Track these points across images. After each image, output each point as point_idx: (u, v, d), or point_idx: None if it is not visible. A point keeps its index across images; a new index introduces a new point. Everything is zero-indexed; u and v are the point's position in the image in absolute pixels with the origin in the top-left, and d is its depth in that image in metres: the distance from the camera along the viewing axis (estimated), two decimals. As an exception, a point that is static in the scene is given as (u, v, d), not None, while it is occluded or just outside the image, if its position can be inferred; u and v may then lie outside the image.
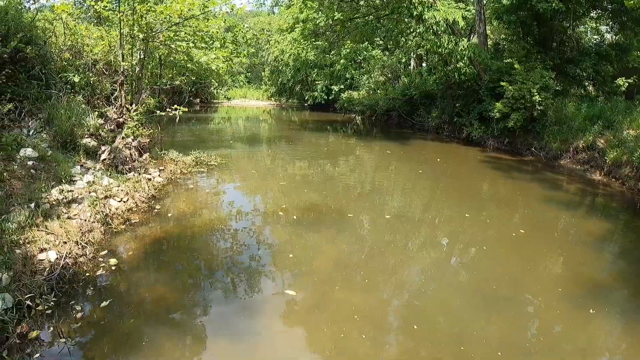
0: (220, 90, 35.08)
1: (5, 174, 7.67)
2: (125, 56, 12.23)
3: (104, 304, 5.67)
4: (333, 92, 33.15)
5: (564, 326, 5.75)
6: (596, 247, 8.15)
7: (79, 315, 5.38)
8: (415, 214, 10.18)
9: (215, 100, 34.87)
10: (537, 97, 15.11)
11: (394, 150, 17.92)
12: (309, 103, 36.02)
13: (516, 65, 16.06)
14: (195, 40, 14.10)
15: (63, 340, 4.95)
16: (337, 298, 6.29)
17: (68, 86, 11.66)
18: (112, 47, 12.92)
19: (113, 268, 6.53)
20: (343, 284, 6.68)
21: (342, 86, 32.76)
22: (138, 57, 13.17)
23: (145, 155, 11.89)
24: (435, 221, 9.77)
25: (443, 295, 6.51)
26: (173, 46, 13.48)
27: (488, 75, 18.09)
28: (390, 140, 20.70)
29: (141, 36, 12.01)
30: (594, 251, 7.96)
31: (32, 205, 7.13)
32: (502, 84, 16.03)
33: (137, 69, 13.11)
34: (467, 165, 15.61)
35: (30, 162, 8.39)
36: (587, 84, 19.57)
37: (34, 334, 4.96)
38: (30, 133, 9.43)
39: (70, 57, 12.90)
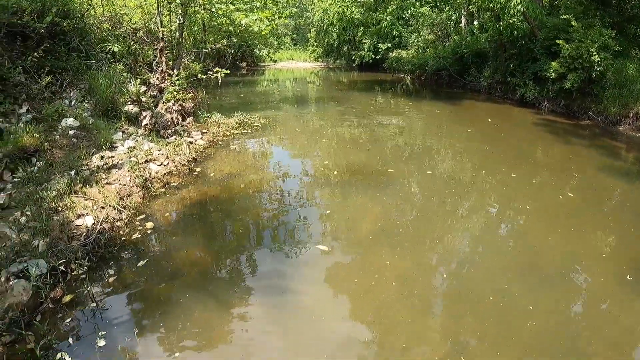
0: (266, 52, 34.59)
1: (46, 144, 7.64)
2: (163, 22, 12.01)
3: (138, 267, 5.55)
4: (381, 52, 31.80)
5: (614, 307, 5.13)
6: None
7: (111, 279, 5.26)
8: (464, 177, 9.47)
9: (261, 63, 34.44)
10: (595, 56, 13.68)
11: (443, 110, 16.97)
12: (356, 63, 34.83)
13: (573, 22, 14.52)
14: (235, 2, 13.74)
15: (94, 304, 4.82)
16: (380, 261, 5.92)
17: (108, 56, 11.56)
18: (152, 15, 12.73)
19: (149, 231, 6.39)
20: (387, 246, 6.29)
21: (389, 45, 31.31)
22: (177, 22, 12.95)
23: (189, 119, 11.73)
24: (485, 185, 9.04)
25: (490, 264, 5.95)
26: (213, 9, 13.13)
27: (543, 32, 16.64)
28: (440, 100, 19.64)
29: (178, 0, 11.74)
30: None
31: (72, 172, 7.07)
32: (558, 42, 14.62)
33: (177, 34, 12.89)
34: (520, 127, 14.52)
35: (71, 132, 8.34)
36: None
37: (67, 298, 4.88)
38: (72, 103, 9.37)
39: (110, 28, 12.79)
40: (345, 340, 4.51)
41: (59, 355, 4.11)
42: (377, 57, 32.31)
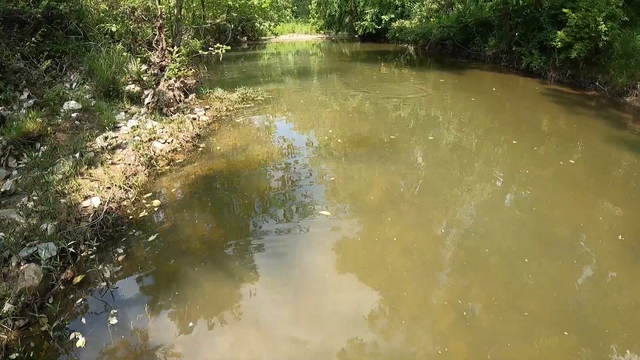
0: (267, 26, 34.01)
1: (49, 128, 7.56)
2: (161, 0, 11.79)
3: (146, 245, 5.53)
4: (383, 22, 31.03)
5: (620, 276, 5.04)
6: None
7: (120, 258, 5.23)
8: (469, 146, 9.29)
9: (263, 37, 33.91)
10: (602, 26, 13.23)
11: (448, 80, 16.60)
12: (359, 34, 33.98)
13: (580, -9, 14.17)
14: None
15: (105, 284, 4.80)
16: (386, 231, 5.88)
17: (107, 36, 11.37)
18: (149, -8, 12.48)
19: (156, 209, 6.34)
20: (393, 216, 6.24)
21: (392, 15, 30.40)
22: (175, -2, 12.71)
23: (191, 96, 11.60)
24: (490, 154, 8.85)
25: (496, 233, 5.85)
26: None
27: (549, 1, 16.10)
28: (444, 69, 19.16)
29: (175, -24, 11.50)
30: None
31: (77, 155, 7.00)
32: (565, 10, 14.11)
33: (176, 11, 12.65)
34: (525, 97, 14.18)
35: (74, 114, 8.25)
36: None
37: (77, 279, 4.87)
38: (73, 86, 9.27)
39: (107, 8, 12.56)
40: (354, 310, 4.48)
41: (72, 336, 4.11)
42: (380, 28, 31.60)
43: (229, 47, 12.27)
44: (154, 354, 3.94)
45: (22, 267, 4.68)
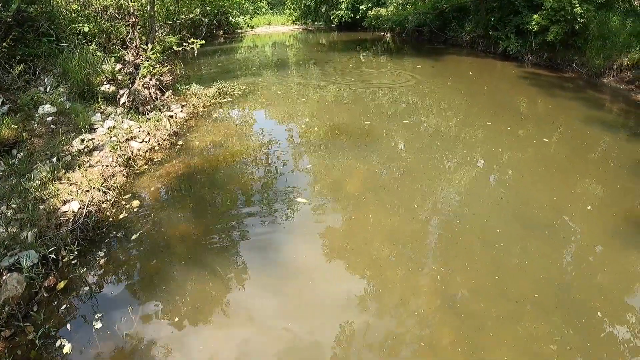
0: (243, 19, 33.64)
1: (25, 134, 7.46)
2: (133, -4, 11.62)
3: (127, 246, 5.51)
4: (360, 10, 31.00)
5: (602, 255, 5.14)
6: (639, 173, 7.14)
7: (102, 261, 5.21)
8: (448, 131, 9.35)
9: (239, 31, 33.49)
10: (578, 8, 13.39)
11: (425, 66, 16.61)
12: (335, 23, 33.78)
13: (554, -27, 14.20)
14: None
15: (88, 288, 4.78)
16: (369, 218, 5.96)
17: (80, 37, 11.19)
18: (120, -11, 12.28)
19: (136, 210, 6.30)
20: (376, 204, 6.31)
21: (369, 4, 30.40)
22: (147, -6, 12.52)
23: (168, 93, 11.50)
24: (470, 138, 8.90)
25: (478, 216, 5.91)
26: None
27: None
28: (421, 56, 19.14)
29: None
30: (637, 177, 6.96)
31: (54, 159, 6.92)
32: None
33: (149, 7, 12.47)
34: (503, 80, 14.26)
35: (49, 118, 8.13)
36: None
37: (61, 285, 4.85)
38: (47, 90, 9.13)
39: (79, 8, 12.34)
40: (340, 299, 4.52)
41: (58, 343, 4.09)
42: (357, 17, 31.44)
43: (204, 42, 12.13)
44: (141, 355, 3.95)
45: (4, 277, 4.63)
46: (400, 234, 5.56)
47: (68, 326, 4.31)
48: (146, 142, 8.44)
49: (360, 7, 30.43)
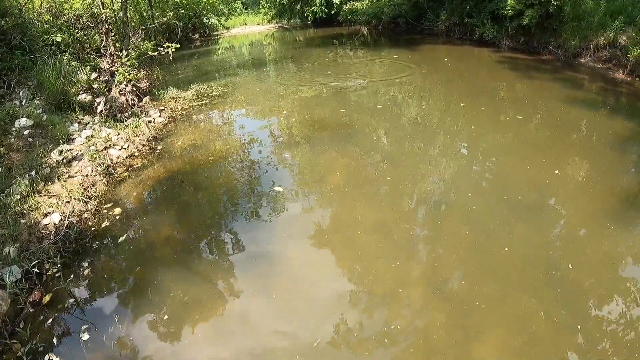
0: (218, 20, 33.34)
1: (2, 149, 7.32)
2: (105, 4, 11.46)
3: (111, 255, 5.44)
4: (335, 5, 30.80)
5: (589, 234, 5.16)
6: (621, 149, 7.18)
7: (86, 272, 5.13)
8: (430, 119, 9.36)
9: (215, 33, 33.14)
10: None
11: (401, 56, 16.53)
12: (310, 20, 33.54)
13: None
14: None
15: (73, 300, 4.71)
16: (354, 211, 5.96)
17: (54, 47, 11.00)
18: (92, -2, 12.13)
19: (118, 217, 6.21)
20: (360, 196, 6.33)
21: None
22: (119, 0, 12.35)
23: (145, 99, 11.36)
24: (452, 125, 8.93)
25: (464, 201, 5.91)
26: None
27: None
28: (398, 47, 19.07)
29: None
30: (619, 153, 7.03)
31: (33, 172, 6.81)
32: None
33: (121, 13, 12.31)
34: (481, 66, 14.29)
35: (26, 132, 7.99)
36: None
37: (46, 299, 4.76)
38: (23, 102, 8.97)
39: (51, 18, 12.16)
40: (329, 292, 4.51)
41: (46, 357, 4.02)
42: (332, 12, 31.23)
43: (179, 46, 12.00)
44: (130, 364, 3.90)
45: (-14, 295, 4.54)
46: (386, 224, 5.54)
47: (55, 340, 4.24)
48: (125, 149, 8.33)
49: (334, 1, 30.22)
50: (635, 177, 6.25)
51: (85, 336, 4.22)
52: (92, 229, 5.95)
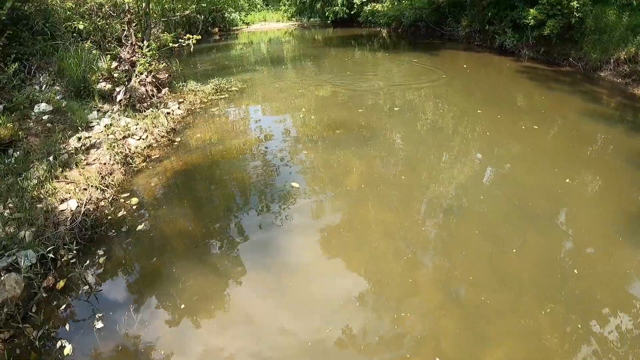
0: (238, 16, 33.37)
1: (21, 132, 7.32)
2: (128, -7, 11.49)
3: (127, 244, 5.42)
4: (356, 6, 30.61)
5: (601, 247, 5.08)
6: (636, 165, 7.04)
7: (102, 260, 5.12)
8: (447, 125, 9.26)
9: (234, 28, 33.15)
10: (574, 2, 13.25)
11: (421, 60, 16.38)
12: (331, 20, 33.37)
13: (551, -33, 14.04)
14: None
15: (87, 287, 4.68)
16: (368, 214, 5.92)
17: (75, 35, 11.05)
18: (115, -13, 12.15)
19: (135, 208, 6.20)
20: (374, 199, 6.25)
21: None
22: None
23: (164, 90, 11.38)
24: (469, 132, 8.83)
25: (477, 210, 5.84)
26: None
27: None
28: (418, 51, 18.85)
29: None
30: (634, 169, 6.90)
31: (51, 158, 6.80)
32: None
33: (144, 4, 12.33)
34: (500, 74, 14.12)
35: (45, 117, 8.00)
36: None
37: (60, 284, 4.74)
38: (43, 88, 8.99)
39: (73, 5, 12.21)
40: (340, 296, 4.45)
41: (59, 344, 4.01)
42: (352, 12, 31.15)
43: (199, 37, 12.00)
44: (143, 355, 3.86)
45: (2, 278, 4.53)
46: (399, 229, 5.50)
47: (68, 327, 4.22)
48: (144, 139, 8.33)
49: (355, 2, 30.14)
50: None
51: (99, 324, 4.20)
52: (109, 217, 5.93)
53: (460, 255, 4.93)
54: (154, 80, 11.02)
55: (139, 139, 8.24)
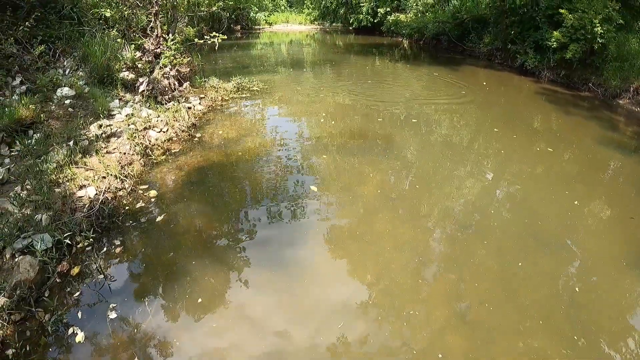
0: (261, 15, 33.52)
1: (42, 115, 7.35)
2: (156, -15, 11.53)
3: (143, 236, 5.39)
4: (379, 15, 30.74)
5: (610, 274, 5.02)
6: None
7: (118, 250, 5.08)
8: (462, 142, 9.21)
9: (256, 27, 33.30)
10: (598, 28, 13.09)
11: (441, 74, 16.35)
12: (353, 26, 33.32)
13: (577, -8, 13.96)
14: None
15: (102, 276, 4.65)
16: (379, 225, 5.85)
17: (101, 22, 11.10)
18: (145, -22, 12.19)
19: (153, 200, 6.18)
20: (387, 211, 6.20)
21: (388, 9, 29.94)
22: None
23: (186, 85, 11.39)
24: (484, 151, 8.76)
25: (489, 229, 5.80)
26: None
27: (546, 1, 16.02)
28: (439, 65, 18.86)
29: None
30: None
31: (71, 143, 6.80)
32: (561, 11, 13.97)
33: (172, -3, 12.38)
34: (519, 94, 14.02)
35: (67, 101, 8.02)
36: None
37: (75, 271, 4.71)
38: (66, 72, 9.02)
39: (102, -8, 12.27)
40: (348, 306, 4.42)
41: (70, 330, 3.98)
42: (375, 21, 31.23)
43: (225, 37, 12.03)
44: (156, 350, 3.82)
45: (16, 259, 4.51)
46: (410, 242, 5.46)
47: (80, 314, 4.19)
48: (164, 132, 8.33)
49: (379, 10, 30.22)
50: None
51: (113, 315, 4.16)
52: (126, 207, 5.92)
53: (470, 274, 4.88)
54: (177, 73, 11.03)
55: (159, 132, 8.23)
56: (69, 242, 4.93)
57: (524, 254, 5.24)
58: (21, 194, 5.49)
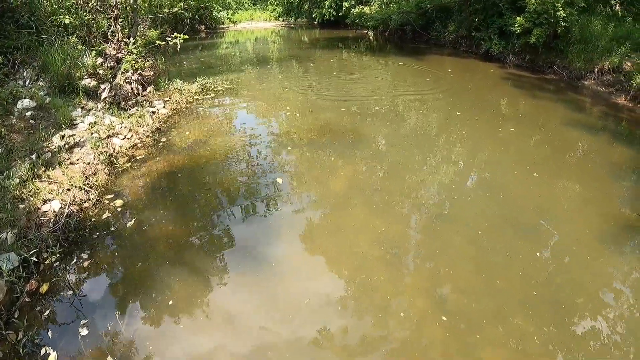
0: (225, 14, 33.10)
1: (3, 129, 7.19)
2: (115, -11, 11.33)
3: (111, 248, 5.34)
4: (344, 8, 30.61)
5: (583, 254, 5.18)
6: (616, 174, 7.24)
7: (86, 263, 5.04)
8: (432, 131, 9.34)
9: (221, 26, 32.84)
10: (561, 12, 13.39)
11: (407, 64, 16.51)
12: (317, 21, 33.09)
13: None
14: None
15: (71, 292, 4.60)
16: (353, 219, 5.94)
17: (60, 29, 10.86)
18: (102, -19, 11.96)
19: (119, 209, 6.12)
20: (360, 204, 6.28)
21: (352, 2, 30.08)
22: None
23: (150, 89, 11.25)
24: (454, 138, 8.88)
25: (463, 217, 5.91)
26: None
27: None
28: (404, 55, 19.02)
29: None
30: (616, 178, 7.07)
31: (33, 156, 6.68)
32: None
33: (131, 0, 12.18)
34: (485, 80, 14.24)
35: (28, 113, 7.86)
36: (613, 2, 16.85)
37: (44, 288, 4.65)
38: (26, 83, 8.83)
39: (60, -1, 12.00)
40: (324, 302, 4.47)
41: (43, 351, 3.94)
42: (340, 15, 31.14)
43: (187, 37, 11.90)
44: (129, 361, 3.82)
45: (-17, 281, 4.44)
46: (385, 234, 5.52)
47: (51, 333, 4.15)
48: (128, 138, 8.22)
49: (344, 4, 30.12)
50: (627, 203, 6.34)
51: (84, 331, 4.13)
52: (93, 219, 5.85)
53: (446, 262, 4.99)
54: (140, 77, 10.89)
55: (123, 139, 8.13)
56: (36, 260, 4.86)
57: (499, 239, 5.39)
58: (-16, 213, 5.38)
